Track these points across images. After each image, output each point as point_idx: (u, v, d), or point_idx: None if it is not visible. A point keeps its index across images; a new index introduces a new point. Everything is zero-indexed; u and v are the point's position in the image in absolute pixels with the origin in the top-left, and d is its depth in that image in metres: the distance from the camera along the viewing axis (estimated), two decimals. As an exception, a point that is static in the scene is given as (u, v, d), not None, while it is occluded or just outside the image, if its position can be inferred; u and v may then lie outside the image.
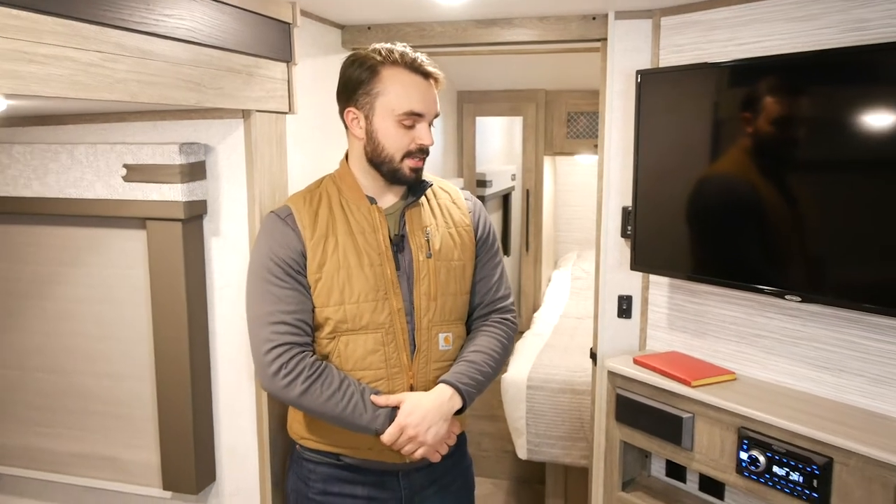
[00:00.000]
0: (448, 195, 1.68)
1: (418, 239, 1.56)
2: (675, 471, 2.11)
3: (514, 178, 4.38)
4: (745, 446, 1.71)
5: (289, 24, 1.76)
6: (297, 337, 1.49)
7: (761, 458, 1.67)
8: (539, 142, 3.97)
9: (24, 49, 1.02)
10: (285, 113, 1.81)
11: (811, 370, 1.79)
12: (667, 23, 2.00)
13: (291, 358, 1.46)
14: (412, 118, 1.49)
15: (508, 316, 1.70)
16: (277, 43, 1.73)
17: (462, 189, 1.76)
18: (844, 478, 1.54)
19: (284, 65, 1.78)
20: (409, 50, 1.52)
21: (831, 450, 1.56)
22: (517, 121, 4.14)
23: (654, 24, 2.03)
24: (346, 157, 1.63)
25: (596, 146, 2.30)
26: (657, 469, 2.17)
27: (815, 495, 1.58)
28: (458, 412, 1.55)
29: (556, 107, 3.89)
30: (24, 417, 1.93)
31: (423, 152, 1.52)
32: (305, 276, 1.51)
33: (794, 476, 1.62)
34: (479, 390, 1.58)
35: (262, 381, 1.52)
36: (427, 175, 1.62)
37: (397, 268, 1.55)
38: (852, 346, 1.70)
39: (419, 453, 1.49)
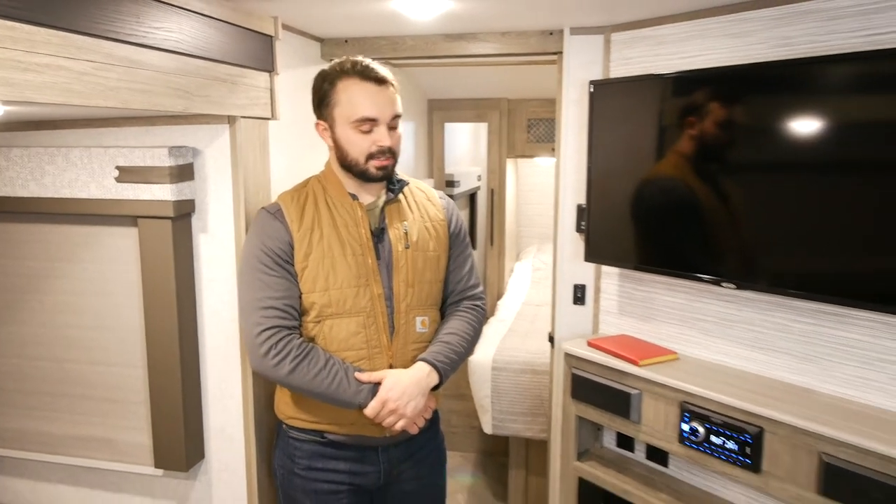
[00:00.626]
0: (424, 194, 1.69)
1: (397, 231, 1.57)
2: (625, 442, 2.14)
3: (479, 178, 4.38)
4: (686, 418, 1.74)
5: (271, 37, 1.74)
6: (285, 321, 1.48)
7: (700, 429, 1.70)
8: (502, 146, 3.97)
9: (19, 58, 0.99)
10: (268, 119, 1.79)
11: (745, 350, 1.83)
12: (617, 38, 2.01)
13: (280, 340, 1.45)
14: (367, 123, 1.49)
15: (478, 302, 1.71)
16: (260, 54, 1.70)
17: (434, 188, 1.77)
18: (774, 445, 1.58)
19: (267, 74, 1.76)
20: (364, 59, 1.52)
21: (762, 420, 1.59)
22: (482, 126, 4.14)
23: (606, 39, 2.04)
24: (329, 159, 1.63)
25: (553, 150, 2.31)
26: (609, 440, 2.19)
27: (749, 462, 1.62)
28: (435, 388, 1.56)
29: (517, 114, 3.90)
30: (23, 403, 1.89)
31: (384, 153, 1.51)
32: (293, 265, 1.51)
33: (730, 444, 1.65)
34: (454, 368, 1.60)
35: (253, 361, 1.51)
36: (404, 176, 1.64)
37: (378, 257, 1.56)
38: (781, 328, 1.74)
39: (399, 425, 1.50)
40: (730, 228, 1.71)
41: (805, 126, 1.53)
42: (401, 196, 1.61)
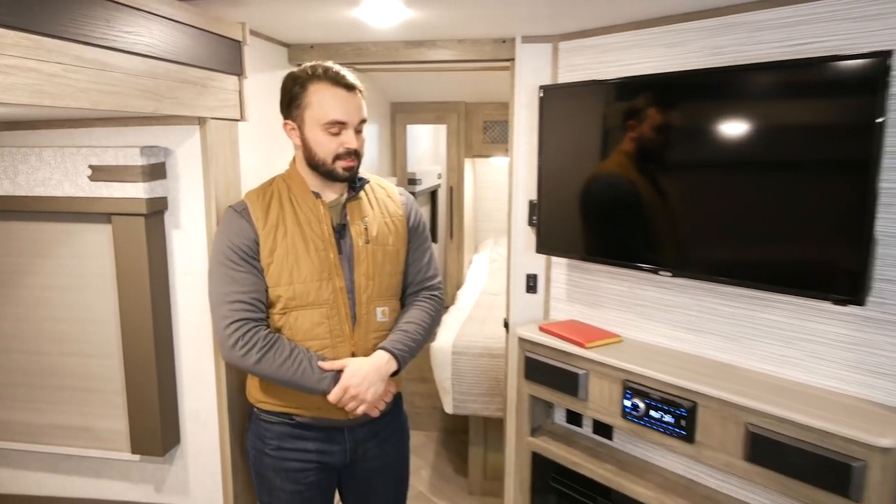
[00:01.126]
0: (384, 190, 1.67)
1: (358, 227, 1.55)
2: (574, 418, 2.16)
3: (440, 176, 4.37)
4: (628, 395, 1.76)
5: (239, 42, 1.71)
6: (251, 313, 1.47)
7: (641, 405, 1.73)
8: (460, 146, 3.97)
9: (-13, 60, 0.95)
10: (237, 120, 1.75)
11: (680, 331, 1.86)
12: (564, 46, 2.02)
13: (247, 332, 1.45)
14: (337, 126, 1.47)
15: (436, 292, 1.71)
16: (229, 58, 1.67)
17: (397, 186, 1.75)
18: (706, 418, 1.61)
19: (236, 78, 1.72)
20: (334, 66, 1.50)
21: (695, 395, 1.63)
22: (442, 128, 4.13)
23: (554, 47, 2.05)
24: (294, 158, 1.60)
25: (507, 150, 2.31)
26: (559, 417, 2.21)
27: (684, 433, 1.65)
28: (395, 374, 1.56)
29: (474, 116, 3.90)
30: (1, 395, 1.82)
31: (351, 154, 1.50)
32: (259, 261, 1.50)
33: (667, 418, 1.68)
34: (412, 355, 1.60)
35: (222, 352, 1.50)
36: (366, 174, 1.62)
37: (340, 252, 1.54)
38: (711, 311, 1.78)
39: (360, 409, 1.50)
40: (666, 222, 1.74)
41: (732, 128, 1.56)
42: (362, 193, 1.60)
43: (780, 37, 1.54)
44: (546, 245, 2.04)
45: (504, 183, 2.53)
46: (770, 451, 1.48)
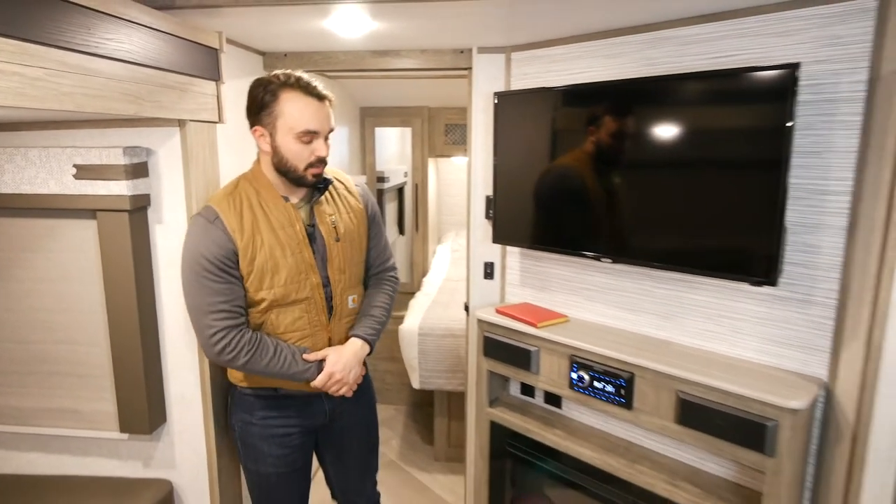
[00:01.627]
0: (343, 185, 1.65)
1: (327, 226, 1.54)
2: (527, 390, 2.19)
3: (406, 175, 4.35)
4: (574, 368, 1.79)
5: (216, 49, 1.66)
6: (233, 320, 1.43)
7: (586, 377, 1.76)
8: (424, 147, 3.96)
9: (-29, 64, 0.91)
10: (215, 122, 1.71)
11: (619, 311, 1.90)
12: (516, 57, 2.03)
13: (232, 339, 1.42)
14: (309, 135, 1.43)
15: (393, 273, 1.75)
16: (207, 65, 1.62)
17: (356, 178, 1.74)
18: (642, 387, 1.65)
19: (214, 83, 1.67)
20: (304, 75, 1.44)
21: (633, 367, 1.66)
22: (407, 130, 4.10)
23: (507, 57, 2.06)
24: (259, 160, 1.53)
25: (466, 150, 2.32)
26: (514, 389, 2.24)
27: (623, 401, 1.69)
28: (368, 355, 1.61)
29: (436, 120, 3.89)
30: (-8, 381, 1.76)
31: (321, 162, 1.48)
32: (238, 269, 1.44)
33: (609, 388, 1.72)
34: (379, 336, 1.65)
35: (209, 356, 1.47)
36: (327, 169, 1.55)
37: (313, 251, 1.51)
38: (646, 293, 1.82)
39: (342, 391, 1.56)
40: (606, 215, 1.76)
41: (663, 131, 1.59)
42: (326, 191, 1.57)
43: (705, 50, 1.58)
44: (501, 236, 2.06)
45: (464, 180, 2.54)
46: (697, 414, 1.52)
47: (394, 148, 4.57)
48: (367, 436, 1.80)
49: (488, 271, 2.24)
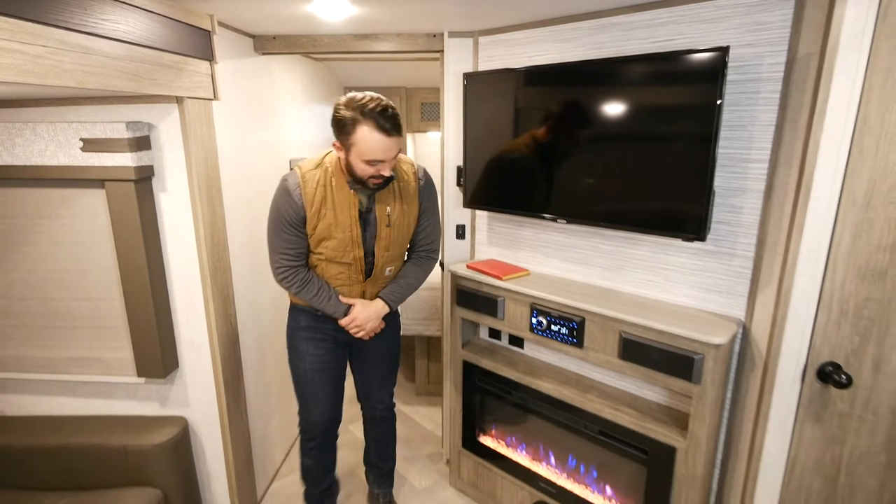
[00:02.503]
0: (406, 177, 1.67)
1: (382, 213, 1.62)
2: (494, 334, 2.21)
3: (387, 149, 4.27)
4: (534, 314, 1.81)
5: (209, 31, 1.57)
6: (294, 261, 1.61)
7: (544, 321, 1.78)
8: (403, 123, 3.88)
9: (-28, 41, 0.84)
10: (211, 100, 1.63)
11: (573, 265, 1.91)
12: (483, 41, 1.97)
13: (290, 274, 1.62)
14: (376, 163, 1.46)
15: (432, 254, 1.80)
16: (200, 45, 1.54)
17: (420, 167, 1.73)
18: (591, 329, 1.68)
19: (208, 62, 1.59)
20: (378, 105, 1.42)
21: (584, 312, 1.68)
22: (388, 109, 4.01)
23: (475, 41, 2.00)
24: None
25: (439, 126, 2.27)
26: (483, 334, 2.26)
27: (575, 340, 1.71)
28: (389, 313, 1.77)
29: (413, 99, 3.79)
30: (20, 335, 1.70)
31: (382, 177, 1.51)
32: (304, 228, 1.57)
33: (563, 330, 1.74)
34: (402, 300, 1.78)
35: (275, 279, 1.65)
36: (402, 157, 1.65)
37: (365, 230, 1.61)
38: (595, 249, 1.83)
39: (360, 335, 1.72)
40: (561, 182, 1.75)
41: (610, 108, 1.56)
42: (391, 183, 1.60)
43: (647, 35, 1.55)
44: (471, 201, 2.04)
45: (438, 153, 2.49)
46: (637, 350, 1.56)
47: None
48: (389, 355, 1.92)
49: (460, 232, 2.23)
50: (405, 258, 1.79)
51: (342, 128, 1.45)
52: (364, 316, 1.69)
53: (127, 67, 1.22)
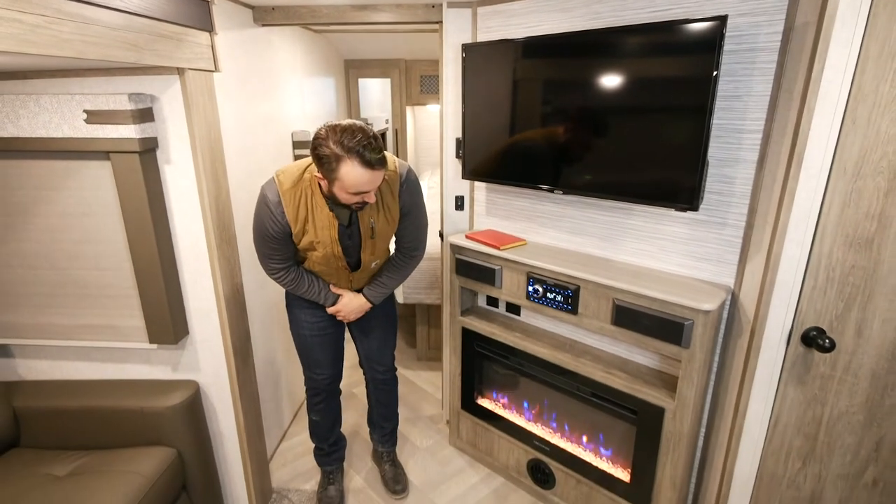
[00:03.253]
0: (388, 186, 1.60)
1: (365, 226, 1.62)
2: (492, 301, 2.23)
3: (387, 121, 4.20)
4: (531, 282, 1.82)
5: (207, 1, 1.52)
6: (285, 263, 1.66)
7: (540, 289, 1.80)
8: (402, 96, 3.80)
9: (-31, 9, 0.81)
10: (212, 71, 1.59)
11: (568, 235, 1.91)
12: (481, 11, 1.92)
13: (282, 274, 1.67)
14: (360, 193, 1.42)
15: (413, 253, 1.80)
16: (200, 16, 1.49)
17: (403, 167, 1.64)
18: (585, 296, 1.69)
19: (208, 34, 1.54)
20: (362, 139, 1.33)
21: (578, 280, 1.69)
22: (387, 81, 3.92)
23: (473, 12, 1.94)
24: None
25: (439, 98, 2.23)
26: (481, 301, 2.27)
27: (570, 307, 1.73)
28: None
29: (412, 72, 3.72)
30: (34, 303, 1.70)
31: (365, 203, 1.49)
32: (291, 239, 1.59)
33: (558, 298, 1.76)
34: (383, 297, 1.83)
35: (266, 275, 1.71)
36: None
37: (350, 239, 1.63)
38: (590, 220, 1.82)
39: (345, 320, 1.84)
40: (559, 153, 1.73)
41: (607, 79, 1.53)
42: None
43: (646, 4, 1.50)
44: (470, 172, 2.02)
45: (437, 126, 2.45)
46: (629, 316, 1.58)
47: (376, 97, 4.38)
48: (386, 319, 1.95)
49: (459, 203, 2.22)
50: (390, 251, 1.85)
51: (325, 164, 1.35)
52: (349, 309, 1.78)
53: (127, 38, 1.18)
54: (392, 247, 1.87)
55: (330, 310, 1.77)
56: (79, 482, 1.51)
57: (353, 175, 1.35)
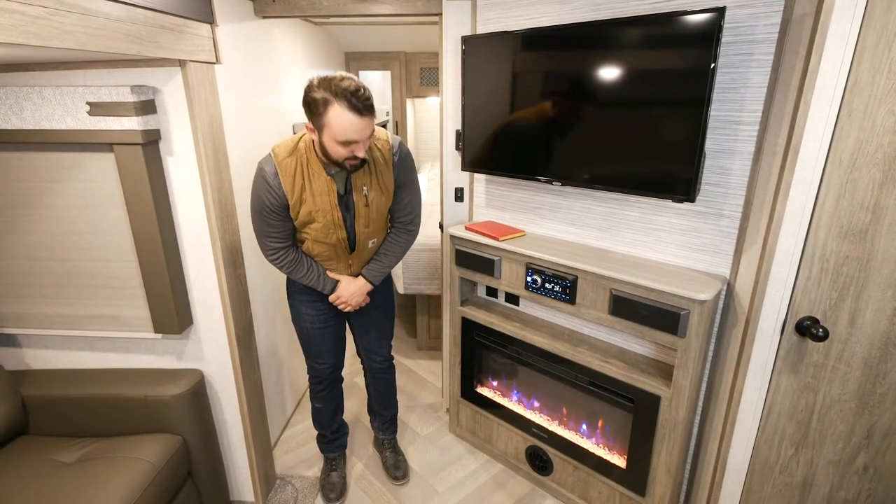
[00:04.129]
0: (381, 154, 1.60)
1: (359, 195, 1.60)
2: (491, 291, 2.24)
3: (388, 113, 4.18)
4: (529, 273, 1.82)
5: (208, -7, 1.51)
6: (283, 243, 1.63)
7: (538, 279, 1.80)
8: (402, 88, 3.78)
9: (-29, 0, 0.81)
10: (213, 63, 1.58)
11: (566, 226, 1.91)
12: (481, 3, 1.90)
13: (280, 256, 1.64)
14: (350, 143, 1.40)
15: (411, 227, 1.79)
16: (201, 8, 1.48)
17: (395, 139, 1.66)
18: (583, 287, 1.69)
19: (209, 25, 1.53)
20: (350, 85, 1.34)
21: (576, 271, 1.69)
22: (387, 73, 3.90)
23: (473, 4, 1.93)
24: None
25: (439, 91, 2.22)
26: (481, 291, 2.28)
27: (568, 297, 1.73)
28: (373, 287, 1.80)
29: (412, 64, 3.70)
30: (39, 294, 1.71)
31: (357, 159, 1.45)
32: (288, 213, 1.57)
33: (557, 288, 1.76)
34: (384, 276, 1.82)
35: (265, 258, 1.69)
36: (377, 131, 1.58)
37: (347, 210, 1.60)
38: (588, 211, 1.82)
39: (347, 310, 1.80)
40: (557, 145, 1.73)
41: (605, 72, 1.52)
42: (366, 162, 1.56)
43: (646, -5, 1.50)
44: (469, 164, 2.02)
45: (437, 118, 2.44)
46: (626, 306, 1.58)
47: (377, 89, 4.36)
48: (383, 310, 1.94)
49: (459, 195, 2.21)
50: (387, 229, 1.79)
51: (314, 109, 1.37)
52: (349, 293, 1.75)
53: (128, 29, 1.18)
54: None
55: (331, 298, 1.75)
56: (86, 468, 1.52)
57: (340, 120, 1.35)
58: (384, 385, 2.12)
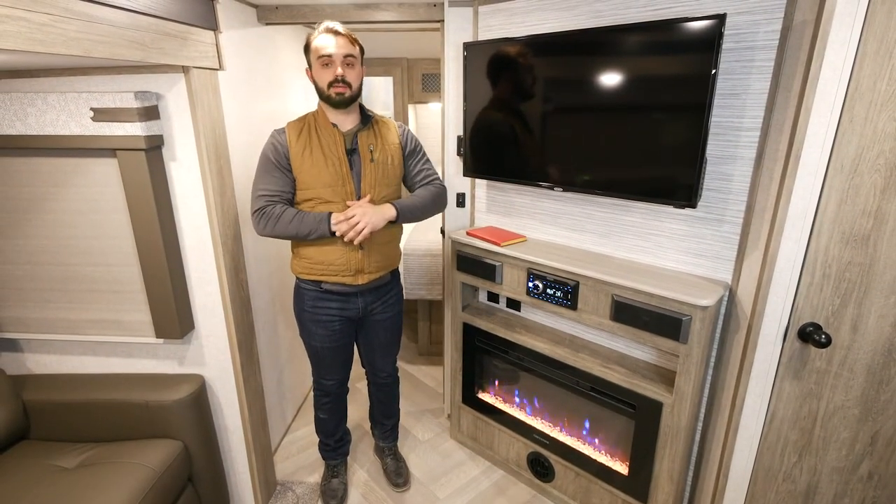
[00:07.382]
0: (387, 125, 1.73)
1: (365, 151, 1.63)
2: (492, 297, 2.23)
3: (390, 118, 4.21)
4: (531, 278, 1.82)
5: (212, 0, 1.52)
6: (274, 197, 1.59)
7: (540, 285, 1.80)
8: (404, 94, 3.79)
9: (-23, 8, 0.81)
10: (216, 69, 1.59)
11: (567, 232, 1.91)
12: (482, 10, 1.91)
13: (267, 209, 1.58)
14: (326, 59, 1.53)
15: (437, 180, 1.79)
16: (205, 15, 1.49)
17: (400, 123, 1.79)
18: (585, 292, 1.69)
19: (212, 32, 1.54)
20: (332, 23, 1.56)
21: (578, 276, 1.69)
22: (389, 79, 3.92)
23: (474, 10, 1.94)
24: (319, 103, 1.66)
25: (440, 97, 2.22)
26: (482, 297, 2.28)
27: (569, 303, 1.73)
28: (394, 222, 1.65)
29: (414, 70, 3.71)
30: (41, 298, 1.71)
31: (339, 82, 1.55)
32: (290, 166, 1.59)
33: (558, 293, 1.76)
34: (411, 213, 1.68)
35: (254, 226, 1.61)
36: (374, 112, 1.71)
37: (351, 167, 1.61)
38: (589, 216, 1.82)
39: (357, 240, 1.57)
40: (559, 151, 1.73)
41: (607, 77, 1.52)
42: (370, 128, 1.67)
43: (647, 2, 1.50)
44: (471, 170, 2.02)
45: (439, 124, 2.45)
46: (628, 312, 1.57)
47: (379, 95, 4.38)
48: (392, 328, 1.93)
49: (460, 200, 2.22)
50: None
51: (306, 50, 1.57)
52: (361, 210, 1.55)
53: (133, 36, 1.18)
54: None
55: (335, 217, 1.55)
56: (87, 474, 1.51)
57: (318, 42, 1.54)
58: (387, 396, 2.11)
